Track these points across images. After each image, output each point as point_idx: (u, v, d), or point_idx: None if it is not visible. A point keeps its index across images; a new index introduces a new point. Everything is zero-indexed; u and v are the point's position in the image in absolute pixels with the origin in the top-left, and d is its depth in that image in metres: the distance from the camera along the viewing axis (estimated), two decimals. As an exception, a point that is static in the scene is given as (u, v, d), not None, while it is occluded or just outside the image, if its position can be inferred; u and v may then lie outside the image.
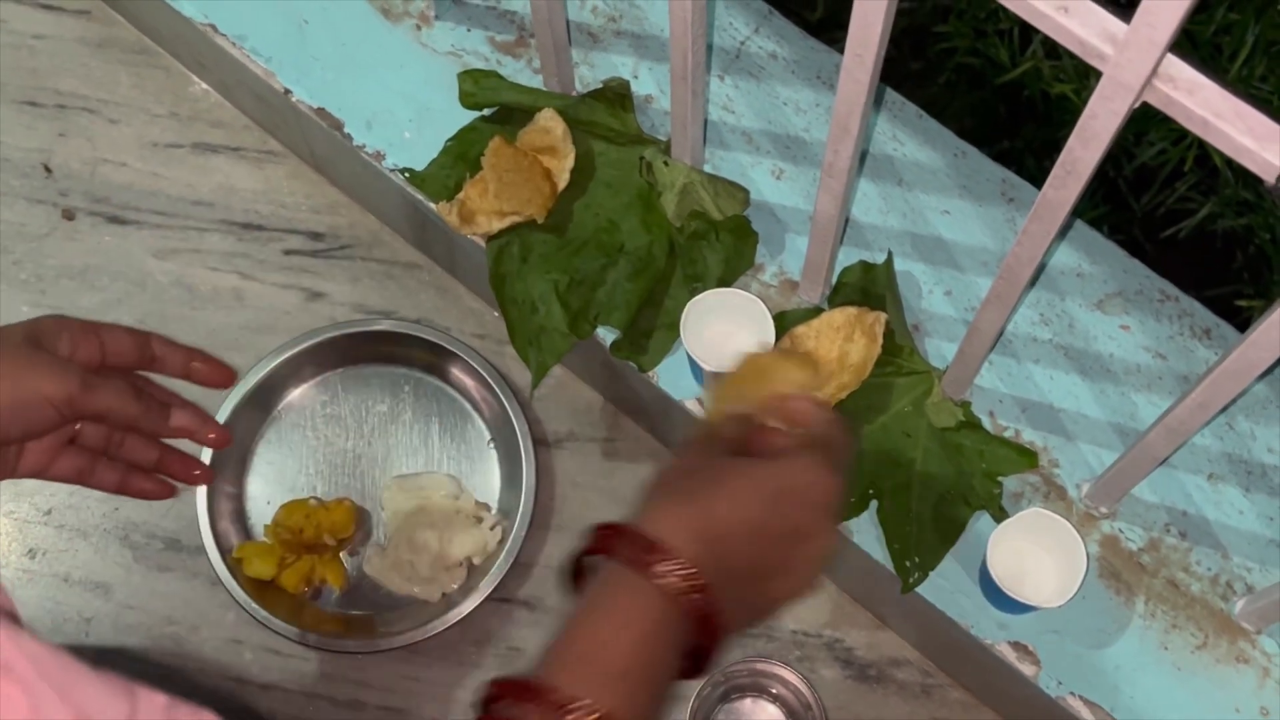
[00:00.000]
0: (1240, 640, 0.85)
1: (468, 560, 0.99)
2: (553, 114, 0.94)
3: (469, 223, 0.93)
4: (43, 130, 1.12)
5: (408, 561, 0.98)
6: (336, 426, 1.04)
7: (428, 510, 1.00)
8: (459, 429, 1.04)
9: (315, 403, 1.04)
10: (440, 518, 0.99)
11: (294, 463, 1.03)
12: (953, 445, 0.88)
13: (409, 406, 1.04)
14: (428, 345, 1.02)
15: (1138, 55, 0.54)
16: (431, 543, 0.98)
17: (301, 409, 1.04)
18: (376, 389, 1.05)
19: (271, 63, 1.00)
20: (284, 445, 1.04)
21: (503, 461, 1.02)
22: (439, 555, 0.98)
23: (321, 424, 1.04)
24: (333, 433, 1.04)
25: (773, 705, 0.95)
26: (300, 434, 1.04)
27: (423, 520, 0.99)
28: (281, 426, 1.04)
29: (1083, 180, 0.63)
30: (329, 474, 1.03)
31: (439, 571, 0.98)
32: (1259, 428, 0.89)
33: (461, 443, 1.03)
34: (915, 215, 0.95)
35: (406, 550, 0.99)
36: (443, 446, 1.03)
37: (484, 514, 1.00)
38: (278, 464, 1.03)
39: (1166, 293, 0.93)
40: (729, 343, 0.89)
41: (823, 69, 0.99)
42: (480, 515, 1.00)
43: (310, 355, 1.03)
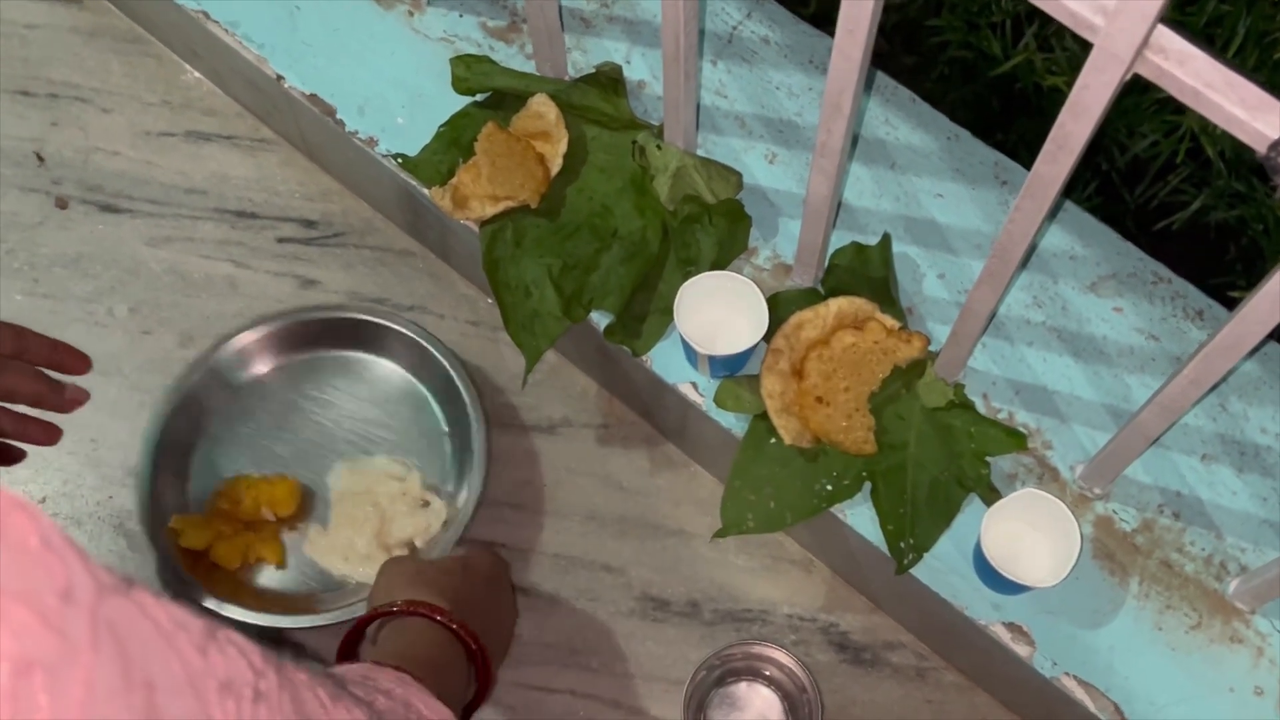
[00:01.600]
0: (1234, 620, 0.85)
1: (410, 543, 0.99)
2: (545, 99, 0.94)
3: (462, 208, 0.93)
4: (35, 119, 1.12)
5: (347, 541, 0.98)
6: (289, 407, 1.03)
7: (373, 492, 1.00)
8: (416, 415, 1.03)
9: (275, 385, 1.04)
10: (385, 499, 0.99)
11: (244, 438, 1.02)
12: (943, 426, 0.88)
13: (362, 390, 1.04)
14: (389, 332, 1.02)
15: (1128, 25, 0.54)
16: (373, 523, 0.98)
17: (260, 390, 1.03)
18: (336, 373, 1.04)
19: (264, 49, 1.00)
20: (238, 426, 1.03)
21: (457, 447, 1.01)
22: (379, 535, 0.98)
23: (275, 404, 1.03)
24: (284, 413, 1.03)
25: (768, 689, 0.95)
26: (256, 416, 1.03)
27: (366, 501, 0.99)
28: (237, 408, 1.03)
29: (1074, 155, 0.63)
30: (277, 452, 1.02)
31: (378, 552, 0.98)
32: (1252, 408, 0.90)
33: (416, 428, 1.03)
34: (908, 198, 0.95)
35: (348, 529, 0.98)
36: (398, 432, 1.03)
37: (431, 498, 1.00)
38: (230, 444, 1.02)
39: (1159, 275, 0.93)
40: (723, 326, 0.89)
41: (815, 53, 0.99)
42: (427, 499, 1.00)
43: (273, 338, 1.02)
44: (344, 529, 0.99)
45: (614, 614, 0.99)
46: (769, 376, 0.87)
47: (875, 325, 0.88)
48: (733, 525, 0.89)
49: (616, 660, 0.98)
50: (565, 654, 0.98)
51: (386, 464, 1.01)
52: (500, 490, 1.02)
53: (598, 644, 0.98)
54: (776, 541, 1.00)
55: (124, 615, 0.38)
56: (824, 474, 0.88)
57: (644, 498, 1.02)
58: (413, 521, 0.99)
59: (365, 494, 1.00)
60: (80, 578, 0.37)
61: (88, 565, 0.38)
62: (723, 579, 0.99)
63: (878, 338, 0.88)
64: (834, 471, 0.88)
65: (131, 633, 0.38)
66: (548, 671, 0.98)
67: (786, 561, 1.00)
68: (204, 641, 0.42)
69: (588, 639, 0.98)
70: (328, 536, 0.99)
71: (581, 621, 0.99)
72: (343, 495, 1.00)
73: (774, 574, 0.99)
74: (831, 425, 0.87)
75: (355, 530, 0.99)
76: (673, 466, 1.02)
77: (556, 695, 0.97)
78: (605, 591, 0.99)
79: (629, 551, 1.00)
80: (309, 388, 1.04)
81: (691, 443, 1.00)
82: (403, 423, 1.03)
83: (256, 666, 0.45)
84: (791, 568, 1.00)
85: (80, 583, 0.37)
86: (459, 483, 1.00)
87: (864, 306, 0.88)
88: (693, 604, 0.99)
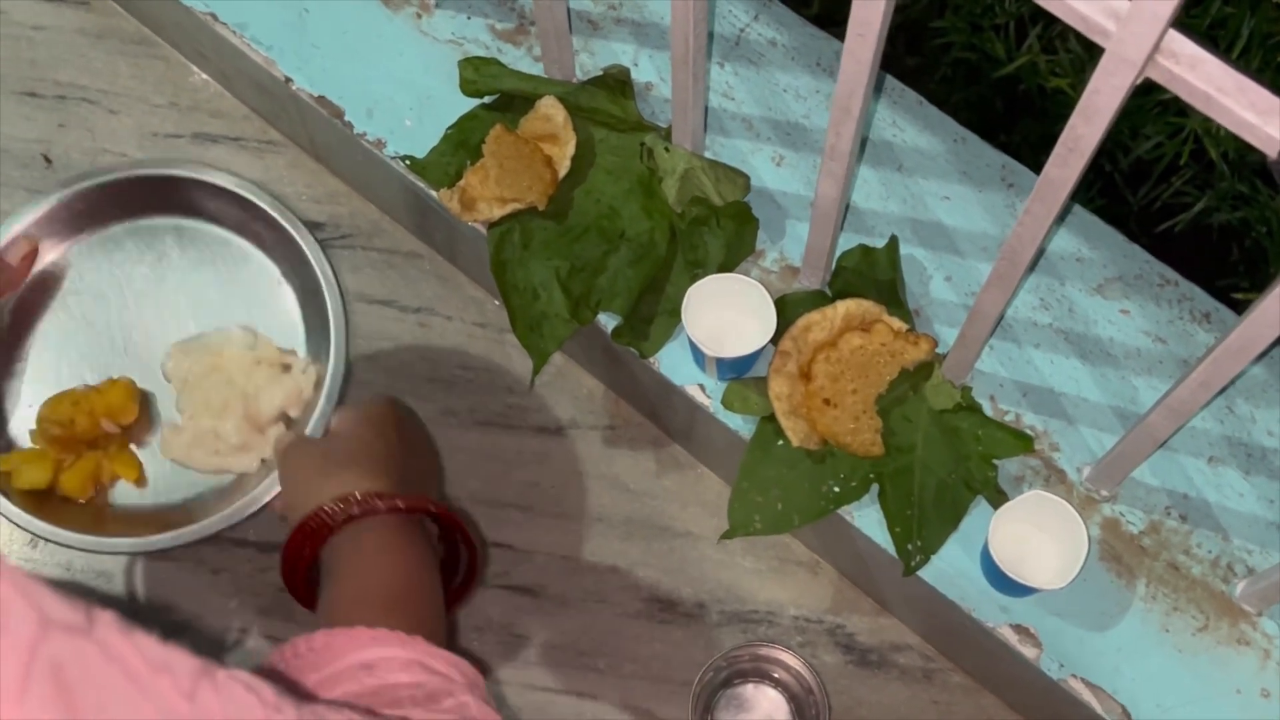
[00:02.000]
0: (1241, 622, 0.85)
1: (283, 415, 0.88)
2: (553, 101, 0.94)
3: (470, 210, 0.93)
4: (42, 121, 1.12)
5: (211, 432, 0.86)
6: (93, 301, 0.91)
7: (222, 369, 0.87)
8: (240, 273, 0.91)
9: (61, 278, 0.91)
10: (239, 374, 0.87)
11: (50, 353, 0.90)
12: (950, 428, 0.88)
13: (175, 261, 0.91)
14: (186, 185, 0.90)
15: (1140, 30, 0.54)
16: (234, 404, 0.86)
17: (46, 289, 0.90)
18: (132, 248, 0.91)
19: (272, 51, 1.00)
20: (35, 335, 0.90)
21: (301, 298, 0.91)
22: (247, 416, 0.86)
23: (74, 302, 0.90)
24: (90, 309, 0.91)
25: (775, 690, 0.95)
26: (52, 318, 0.90)
27: (218, 381, 0.87)
28: (26, 314, 0.90)
29: (1085, 158, 0.63)
30: (96, 358, 0.90)
31: (251, 435, 0.87)
32: (1259, 411, 0.90)
33: (246, 287, 0.90)
34: (915, 201, 0.96)
35: (207, 419, 0.86)
36: (225, 297, 0.90)
37: (290, 359, 0.89)
38: (31, 359, 0.90)
39: (1166, 277, 0.94)
40: (730, 328, 0.89)
41: (822, 56, 1.00)
42: (287, 362, 0.89)
43: (44, 226, 0.90)
44: (203, 418, 0.86)
45: (621, 615, 0.99)
46: (776, 378, 0.87)
47: (883, 327, 0.88)
48: (740, 527, 0.89)
49: (623, 662, 0.98)
50: (572, 655, 0.98)
51: (225, 335, 0.89)
52: (507, 492, 1.02)
53: (604, 645, 0.99)
54: (784, 543, 1.00)
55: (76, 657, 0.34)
56: (831, 476, 0.88)
57: (651, 499, 1.02)
58: (280, 390, 0.87)
59: (214, 373, 0.87)
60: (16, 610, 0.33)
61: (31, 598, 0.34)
62: (730, 580, 1.00)
63: (885, 340, 0.88)
64: (841, 473, 0.88)
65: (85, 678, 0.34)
66: (555, 673, 0.98)
67: (793, 563, 1.00)
68: (193, 684, 0.38)
69: (594, 640, 0.99)
70: (185, 432, 0.87)
71: (588, 623, 0.99)
72: (187, 382, 0.88)
73: (781, 575, 1.00)
74: (839, 427, 0.87)
75: (217, 417, 0.86)
76: (680, 468, 1.02)
77: (563, 697, 0.97)
78: (612, 593, 1.00)
79: (636, 553, 1.01)
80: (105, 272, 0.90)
81: (699, 444, 1.00)
82: (225, 283, 0.90)
83: (269, 702, 0.41)
84: (798, 569, 1.00)
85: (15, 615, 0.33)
86: (314, 334, 0.89)
87: (871, 309, 0.88)
88: (700, 605, 0.99)
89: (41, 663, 0.33)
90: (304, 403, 0.88)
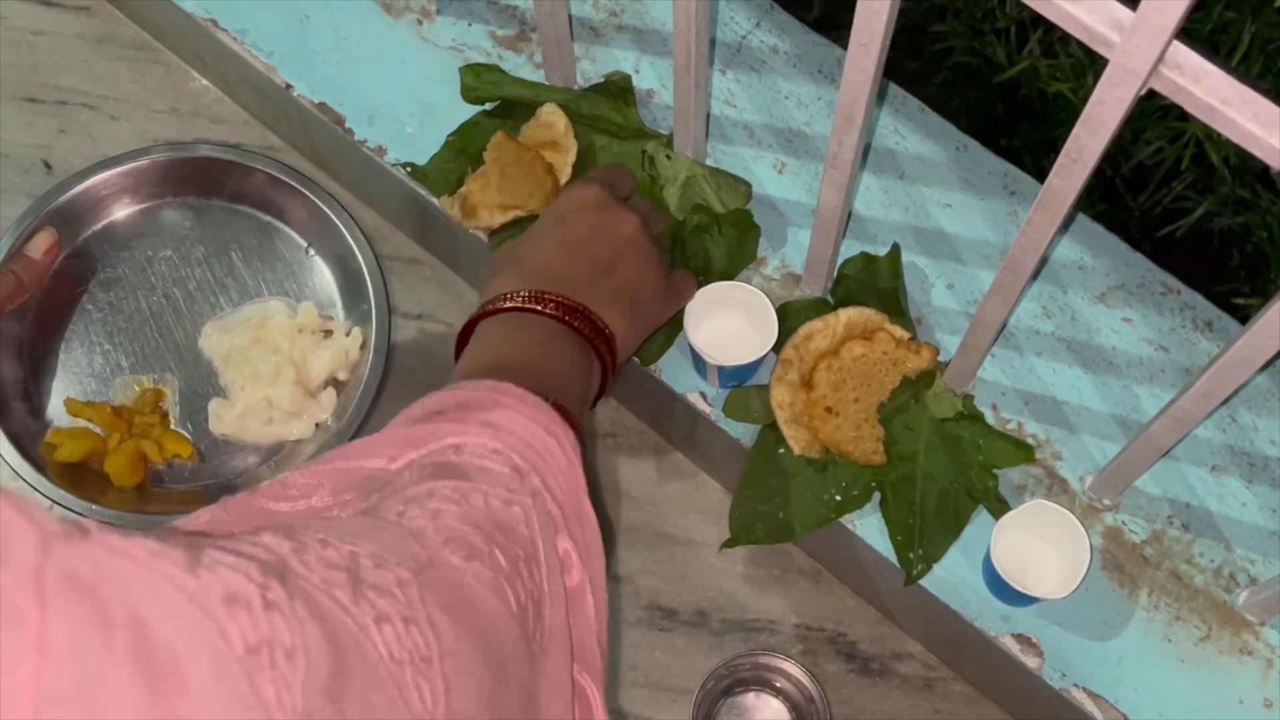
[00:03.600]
0: (1244, 632, 0.85)
1: (331, 379, 0.88)
2: (555, 108, 0.94)
3: (471, 217, 0.93)
4: (43, 126, 1.12)
5: (264, 401, 0.86)
6: (119, 289, 0.91)
7: (265, 340, 0.88)
8: (267, 247, 0.91)
9: (84, 269, 0.91)
10: (284, 342, 0.87)
11: (82, 345, 0.90)
12: (952, 437, 0.88)
13: (198, 242, 0.91)
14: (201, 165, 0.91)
15: (1145, 41, 0.54)
16: (285, 370, 0.86)
17: (70, 280, 0.91)
18: (151, 233, 0.91)
19: (273, 57, 1.00)
20: (64, 328, 0.90)
21: (332, 264, 0.91)
22: (299, 381, 0.87)
23: (100, 291, 0.91)
24: (117, 297, 0.91)
25: (776, 699, 0.95)
26: (80, 310, 0.91)
27: (264, 351, 0.87)
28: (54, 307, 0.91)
29: (1088, 168, 0.63)
30: (129, 344, 0.90)
31: (304, 401, 0.87)
32: (1261, 420, 0.90)
33: (275, 261, 0.91)
34: (917, 209, 0.95)
35: (257, 389, 0.86)
36: (254, 273, 0.91)
37: (331, 325, 0.89)
38: (62, 354, 0.90)
39: (1168, 285, 0.94)
40: (732, 336, 0.89)
41: (824, 63, 1.00)
42: (328, 328, 0.89)
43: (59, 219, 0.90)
44: (254, 389, 0.86)
45: (621, 623, 0.99)
46: (778, 387, 0.87)
47: (884, 336, 0.88)
48: (741, 535, 0.89)
49: (624, 670, 0.98)
50: (573, 663, 0.98)
51: (262, 307, 0.89)
52: (508, 499, 1.02)
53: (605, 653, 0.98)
54: (785, 552, 1.00)
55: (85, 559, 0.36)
56: (833, 484, 0.88)
57: (652, 507, 1.02)
58: (327, 354, 0.87)
59: (257, 345, 0.88)
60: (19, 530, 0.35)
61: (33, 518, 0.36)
62: (731, 589, 0.99)
63: (887, 348, 0.88)
64: (843, 482, 0.88)
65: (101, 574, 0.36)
66: (555, 681, 0.98)
67: (795, 571, 1.00)
68: (190, 564, 0.40)
69: (595, 648, 0.99)
70: (236, 404, 0.87)
71: (589, 631, 0.99)
72: (230, 356, 0.88)
73: (782, 584, 0.99)
74: (841, 436, 0.87)
75: (269, 385, 0.86)
76: (681, 476, 1.02)
77: (564, 704, 0.97)
78: (613, 600, 0.99)
79: (637, 561, 1.00)
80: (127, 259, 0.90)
81: (700, 452, 1.00)
82: (253, 259, 0.90)
83: (256, 579, 0.42)
84: (800, 578, 1.00)
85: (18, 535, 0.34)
86: (350, 299, 0.89)
87: (873, 317, 0.88)
88: (701, 614, 0.99)
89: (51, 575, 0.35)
90: (351, 364, 0.88)
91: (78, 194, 0.91)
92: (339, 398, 0.88)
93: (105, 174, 0.93)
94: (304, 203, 0.90)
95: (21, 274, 0.88)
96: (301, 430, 0.88)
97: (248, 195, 0.92)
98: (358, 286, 0.89)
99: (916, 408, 0.89)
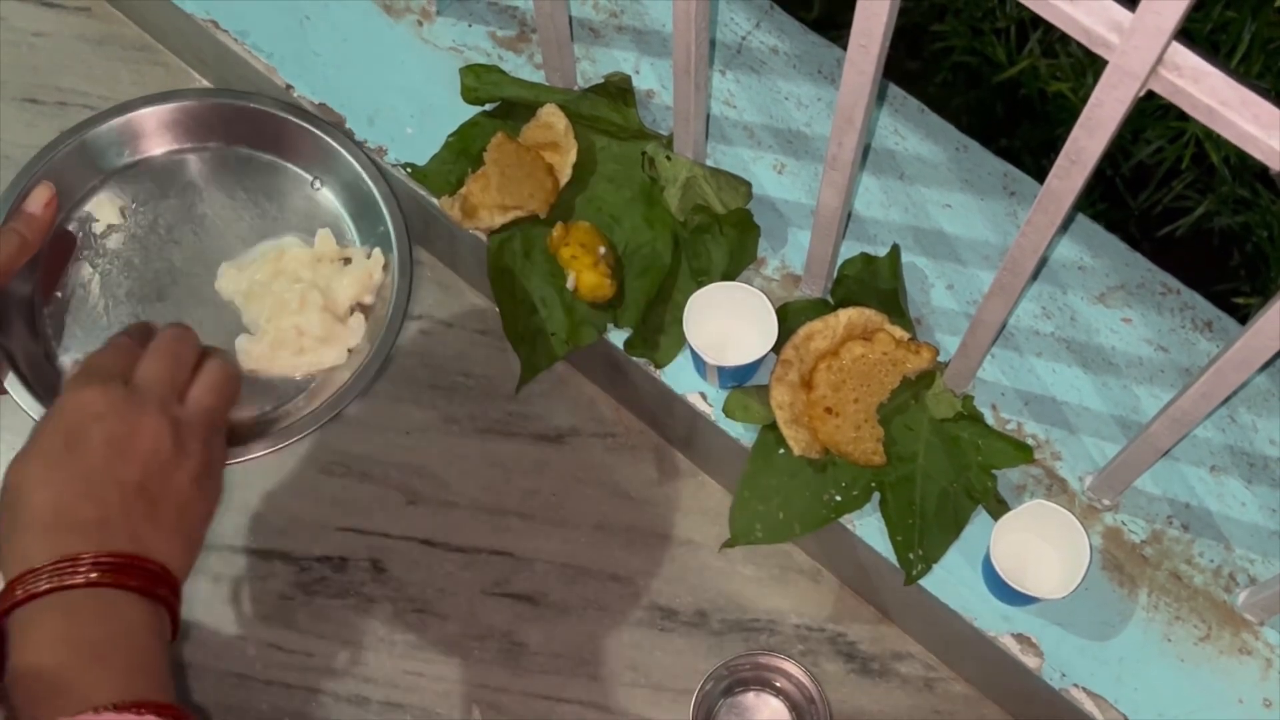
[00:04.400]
0: (1243, 632, 0.85)
1: (358, 304, 0.87)
2: (555, 109, 0.94)
3: (471, 218, 0.93)
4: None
5: (293, 329, 0.85)
6: (125, 239, 0.89)
7: (285, 272, 0.87)
8: (271, 186, 0.90)
9: (87, 222, 0.90)
10: (304, 271, 0.86)
11: (93, 297, 0.89)
12: (951, 437, 0.88)
13: (201, 187, 0.90)
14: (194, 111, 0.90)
15: (1144, 43, 0.54)
16: (311, 296, 0.85)
17: (73, 235, 0.90)
18: (151, 183, 0.90)
19: (273, 58, 1.00)
20: (73, 282, 0.89)
21: (341, 195, 0.90)
22: (327, 306, 0.85)
23: (107, 243, 0.90)
24: (124, 247, 0.90)
25: (776, 699, 0.95)
26: (86, 263, 0.89)
27: (286, 282, 0.86)
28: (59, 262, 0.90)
29: (1087, 169, 0.63)
30: (141, 293, 0.89)
31: (333, 326, 0.86)
32: (1261, 420, 0.90)
33: (281, 198, 0.90)
34: (917, 209, 0.96)
35: (284, 318, 0.85)
36: (262, 213, 0.90)
37: (350, 252, 0.88)
38: (73, 307, 0.88)
39: (1168, 286, 0.94)
40: (732, 336, 0.89)
41: (824, 64, 1.00)
42: (347, 255, 0.88)
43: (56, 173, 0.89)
44: (282, 318, 0.84)
45: (622, 624, 0.99)
46: (778, 387, 0.87)
47: (884, 336, 0.88)
48: (741, 535, 0.89)
49: (624, 670, 0.98)
50: (573, 664, 0.98)
51: (277, 243, 0.88)
52: (507, 499, 1.02)
53: (605, 654, 0.98)
54: (785, 552, 1.00)
55: None
56: (833, 485, 0.88)
57: (652, 507, 1.02)
58: (352, 278, 0.85)
59: (278, 277, 0.86)
60: None
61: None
62: (731, 589, 0.99)
63: (887, 349, 0.88)
64: (843, 482, 0.88)
65: None
66: (555, 681, 0.98)
67: (795, 572, 1.00)
68: None
69: (595, 649, 0.99)
70: (265, 337, 0.85)
71: (589, 631, 0.99)
72: (250, 293, 0.86)
73: (782, 584, 1.00)
74: (840, 436, 0.87)
75: (298, 313, 0.84)
76: (681, 476, 1.02)
77: (564, 705, 0.97)
78: (613, 601, 1.00)
79: (637, 561, 1.00)
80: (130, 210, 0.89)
81: (700, 453, 1.00)
82: (260, 199, 0.89)
83: None
84: (800, 578, 1.00)
85: None
86: (365, 227, 0.87)
87: (873, 317, 0.88)
88: (701, 614, 0.99)
89: None
90: (375, 287, 0.87)
91: (72, 150, 0.90)
92: (367, 322, 0.86)
93: (98, 128, 0.92)
94: (305, 136, 0.89)
95: (24, 230, 0.85)
96: (335, 357, 0.85)
97: (245, 136, 0.91)
98: (371, 211, 0.87)
99: (916, 408, 0.89)
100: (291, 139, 0.92)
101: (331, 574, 1.00)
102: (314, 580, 1.00)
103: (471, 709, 0.97)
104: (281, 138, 0.92)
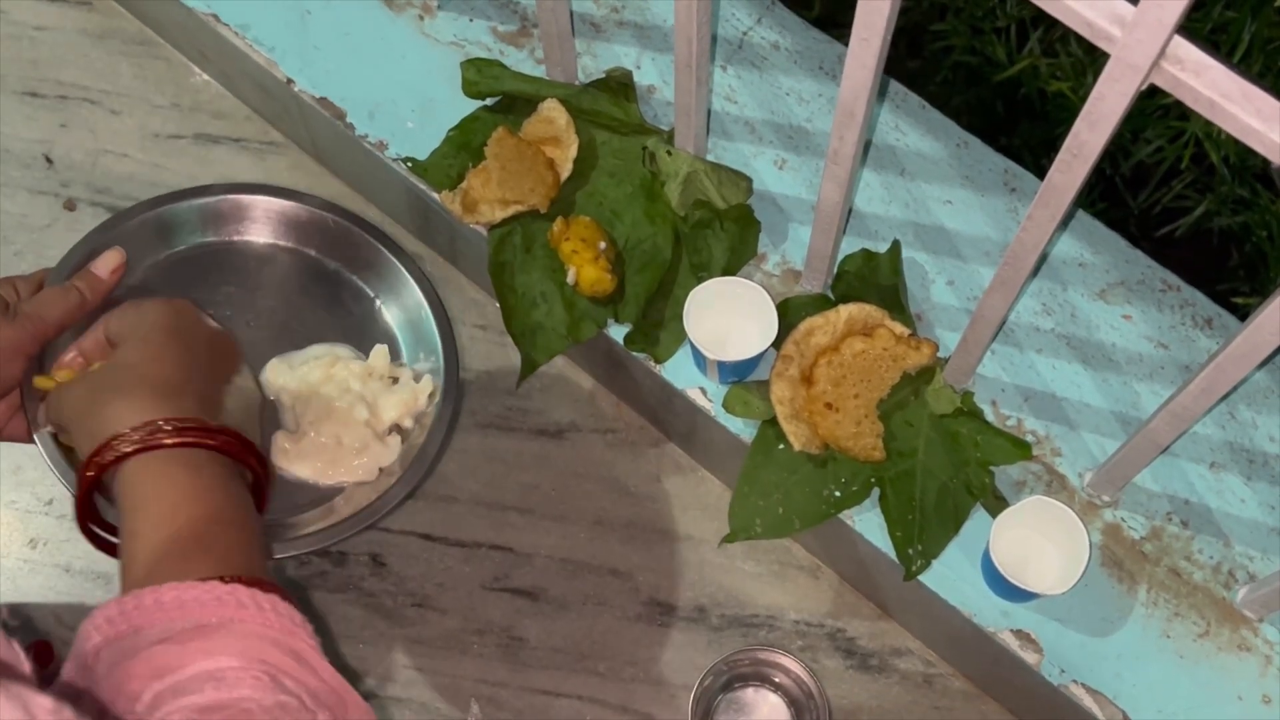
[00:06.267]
0: (1242, 628, 0.85)
1: (396, 427, 0.89)
2: (556, 104, 0.94)
3: (472, 212, 0.93)
4: (44, 121, 1.12)
5: (333, 438, 0.86)
6: None
7: (336, 379, 0.88)
8: (332, 294, 0.92)
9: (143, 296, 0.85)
10: (354, 383, 0.88)
11: None
12: (951, 433, 0.88)
13: (264, 282, 0.92)
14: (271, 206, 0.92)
15: (1146, 36, 0.54)
16: (358, 409, 0.86)
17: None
18: (215, 270, 0.91)
19: (274, 52, 1.00)
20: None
21: (399, 318, 0.92)
22: (370, 422, 0.86)
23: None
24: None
25: (775, 694, 0.95)
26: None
27: (335, 390, 0.87)
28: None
29: (1089, 164, 0.63)
30: None
31: (372, 443, 0.87)
32: (1260, 416, 0.90)
33: (338, 308, 0.92)
34: (918, 205, 0.96)
35: (329, 425, 0.86)
36: (319, 319, 0.91)
37: (398, 372, 0.90)
38: None
39: (1168, 282, 0.94)
40: (732, 331, 0.89)
41: (825, 59, 1.00)
42: (396, 375, 0.90)
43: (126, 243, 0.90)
44: (327, 425, 0.86)
45: (621, 619, 0.99)
46: (779, 382, 0.87)
47: (885, 332, 0.88)
48: (741, 531, 0.89)
49: (624, 665, 0.98)
50: (573, 658, 0.98)
51: (331, 348, 0.90)
52: (507, 494, 1.02)
53: (605, 649, 0.98)
54: (784, 547, 1.00)
55: None
56: (832, 480, 0.88)
57: (651, 502, 1.02)
58: (397, 399, 0.87)
59: (329, 382, 0.88)
60: None
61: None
62: (730, 584, 0.99)
63: (887, 344, 0.88)
64: (842, 478, 0.88)
65: None
66: (555, 676, 0.98)
67: (794, 567, 1.00)
68: None
69: (595, 644, 0.99)
70: (304, 439, 0.86)
71: (589, 626, 0.99)
72: (298, 394, 0.88)
73: (781, 580, 1.00)
74: (840, 431, 0.87)
75: (343, 426, 0.86)
76: (680, 471, 1.02)
77: (563, 699, 0.97)
78: (612, 596, 1.00)
79: (636, 556, 1.00)
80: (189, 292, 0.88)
81: (700, 448, 1.00)
82: (319, 305, 0.91)
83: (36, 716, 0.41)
84: (799, 573, 1.00)
85: None
86: (416, 354, 0.90)
87: (874, 313, 0.88)
88: (700, 609, 0.99)
89: None
90: (417, 413, 0.88)
91: (142, 221, 0.92)
92: (403, 445, 0.88)
93: (172, 206, 0.93)
94: (376, 254, 0.91)
95: (85, 290, 0.87)
96: (365, 473, 0.87)
97: (319, 243, 0.93)
98: (426, 342, 0.90)
99: (916, 404, 0.89)
100: (363, 254, 0.93)
101: (331, 568, 1.00)
102: (313, 574, 1.00)
103: (471, 703, 0.97)
104: (355, 252, 0.93)
